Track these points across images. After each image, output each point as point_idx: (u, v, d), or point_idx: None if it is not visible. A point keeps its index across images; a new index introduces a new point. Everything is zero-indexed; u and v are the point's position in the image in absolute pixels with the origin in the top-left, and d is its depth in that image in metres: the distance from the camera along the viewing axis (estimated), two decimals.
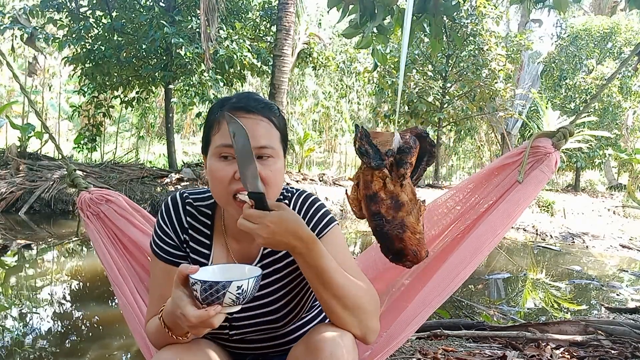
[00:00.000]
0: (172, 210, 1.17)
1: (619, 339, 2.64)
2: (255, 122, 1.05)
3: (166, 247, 1.16)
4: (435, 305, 1.35)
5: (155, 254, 1.17)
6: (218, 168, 1.04)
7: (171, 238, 1.16)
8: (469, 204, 1.54)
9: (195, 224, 1.17)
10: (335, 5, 2.66)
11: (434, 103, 12.17)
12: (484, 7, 11.03)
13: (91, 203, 1.59)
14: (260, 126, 1.05)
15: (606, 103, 12.60)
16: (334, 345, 1.00)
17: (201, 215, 1.18)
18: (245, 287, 0.89)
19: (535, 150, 1.48)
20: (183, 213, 1.17)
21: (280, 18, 8.64)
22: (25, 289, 3.98)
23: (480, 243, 1.39)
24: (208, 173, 1.08)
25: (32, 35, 8.41)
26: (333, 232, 1.16)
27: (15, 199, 7.67)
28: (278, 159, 1.08)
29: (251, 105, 1.06)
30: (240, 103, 1.07)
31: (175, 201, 1.18)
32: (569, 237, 7.89)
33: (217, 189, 1.06)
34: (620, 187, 14.43)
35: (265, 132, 1.06)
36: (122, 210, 1.59)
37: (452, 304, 3.83)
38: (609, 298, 4.38)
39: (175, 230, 1.16)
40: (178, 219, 1.17)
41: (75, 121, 15.03)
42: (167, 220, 1.17)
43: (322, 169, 16.30)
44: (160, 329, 1.01)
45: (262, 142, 1.04)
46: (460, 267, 1.37)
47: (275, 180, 1.07)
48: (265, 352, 1.23)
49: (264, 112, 1.07)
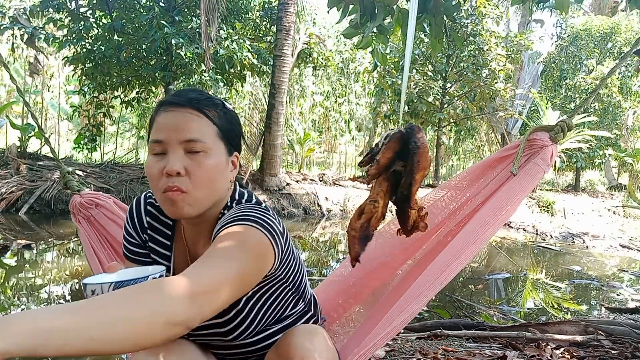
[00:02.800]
0: (134, 210, 1.18)
1: (619, 339, 2.64)
2: (183, 114, 1.01)
3: (130, 246, 1.17)
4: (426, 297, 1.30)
5: (123, 254, 1.19)
6: (149, 164, 1.03)
7: (133, 237, 1.17)
8: (464, 198, 1.52)
9: (156, 224, 1.16)
10: (335, 5, 2.66)
11: (434, 103, 12.17)
12: (484, 7, 11.03)
13: (81, 207, 1.60)
14: (187, 119, 1.01)
15: (606, 103, 12.61)
16: (303, 351, 0.96)
17: (163, 216, 1.16)
18: (98, 292, 0.81)
19: (531, 143, 1.45)
20: (144, 213, 1.17)
21: (280, 18, 8.64)
22: (25, 289, 3.98)
23: (472, 237, 1.34)
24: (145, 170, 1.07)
25: (32, 35, 8.41)
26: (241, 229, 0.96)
27: (15, 199, 7.67)
28: (211, 155, 1.01)
29: (181, 99, 1.03)
30: (172, 98, 1.05)
31: (138, 201, 1.19)
32: (569, 237, 7.89)
33: (153, 187, 1.04)
34: (620, 187, 14.43)
35: (193, 125, 1.01)
36: (112, 214, 1.59)
37: (452, 304, 3.83)
38: (609, 298, 4.38)
39: (136, 229, 1.17)
40: (139, 219, 1.17)
41: (75, 121, 15.03)
42: (129, 220, 1.18)
43: (322, 169, 16.29)
44: None
45: (190, 136, 1.00)
46: (451, 260, 1.33)
47: (205, 177, 1.00)
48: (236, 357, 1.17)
49: (194, 104, 1.03)
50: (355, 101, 17.71)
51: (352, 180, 1.33)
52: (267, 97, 10.00)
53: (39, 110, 13.55)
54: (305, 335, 1.00)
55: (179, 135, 0.99)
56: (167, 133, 1.00)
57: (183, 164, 0.99)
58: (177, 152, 1.00)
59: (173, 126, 1.00)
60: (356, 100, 17.73)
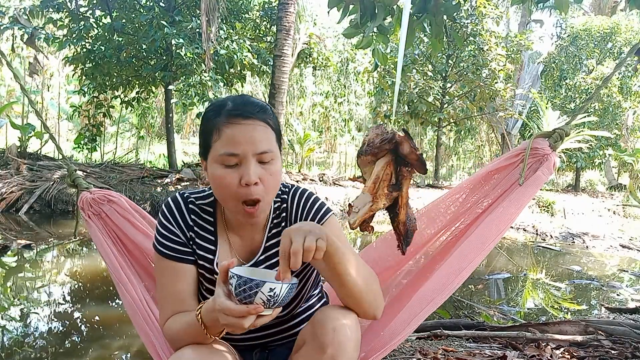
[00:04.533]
0: (174, 209, 1.20)
1: (619, 339, 2.64)
2: (254, 127, 1.07)
3: (173, 244, 1.17)
4: (435, 304, 1.36)
5: (161, 254, 1.18)
6: (223, 175, 1.07)
7: (177, 235, 1.18)
8: (468, 204, 1.56)
9: (200, 221, 1.20)
10: (336, 5, 2.66)
11: (434, 103, 12.17)
12: (484, 7, 11.03)
13: (93, 203, 1.60)
14: (258, 131, 1.07)
15: (606, 103, 12.60)
16: (336, 322, 1.04)
17: (204, 213, 1.21)
18: (277, 290, 0.90)
19: (534, 152, 1.52)
20: (186, 211, 1.20)
21: (280, 18, 8.64)
22: (25, 289, 3.98)
23: (481, 242, 1.41)
24: (212, 178, 1.10)
25: (32, 35, 8.41)
26: (330, 221, 1.21)
27: (15, 199, 7.67)
28: (277, 159, 1.12)
29: (248, 111, 1.08)
30: (237, 109, 1.08)
31: (177, 201, 1.21)
32: (569, 237, 7.89)
33: (224, 195, 1.10)
34: (620, 187, 14.42)
35: (264, 136, 1.08)
36: (124, 211, 1.59)
37: (452, 304, 3.83)
38: (609, 298, 4.38)
39: (180, 228, 1.19)
40: (182, 218, 1.19)
41: (75, 121, 15.01)
42: (171, 219, 1.19)
43: (322, 169, 16.28)
44: (195, 326, 1.03)
45: (263, 148, 1.07)
46: (460, 267, 1.38)
47: (275, 183, 1.12)
48: (272, 341, 1.26)
49: (260, 115, 1.09)
50: (355, 101, 17.70)
51: (352, 180, 1.36)
52: (267, 97, 10.00)
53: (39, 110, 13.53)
54: (340, 311, 1.09)
55: (254, 148, 1.06)
56: (242, 146, 1.06)
57: (258, 174, 1.07)
58: (253, 163, 1.07)
59: (248, 139, 1.06)
60: (356, 100, 17.73)
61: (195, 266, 1.19)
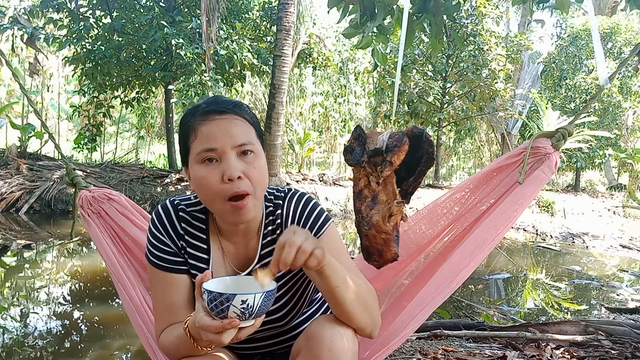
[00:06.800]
0: (164, 218, 1.15)
1: (619, 339, 2.64)
2: (229, 121, 1.05)
3: (164, 255, 1.14)
4: (435, 304, 1.35)
5: (153, 264, 1.14)
6: (204, 174, 1.03)
7: (168, 245, 1.14)
8: (469, 204, 1.55)
9: (191, 229, 1.16)
10: (336, 5, 2.66)
11: (434, 103, 12.17)
12: (484, 7, 11.03)
13: (92, 201, 1.59)
14: (235, 124, 1.05)
15: (606, 103, 12.60)
16: (334, 334, 1.01)
17: (195, 221, 1.16)
18: (250, 302, 0.85)
19: (535, 151, 1.50)
20: (176, 220, 1.15)
21: (280, 18, 8.64)
22: (25, 289, 3.98)
23: (481, 243, 1.40)
24: (194, 182, 1.06)
25: (32, 35, 8.41)
26: (329, 231, 1.16)
27: (15, 199, 7.67)
28: (259, 155, 1.07)
29: (222, 107, 1.06)
30: (211, 106, 1.06)
31: (166, 208, 1.16)
32: (569, 237, 7.89)
33: (208, 195, 1.05)
34: (620, 187, 14.42)
35: (241, 129, 1.05)
36: (124, 208, 1.58)
37: (452, 304, 3.83)
38: (609, 298, 4.38)
39: (171, 238, 1.14)
40: (172, 226, 1.15)
41: (75, 121, 15.03)
42: (160, 229, 1.14)
43: (322, 169, 16.29)
44: (185, 340, 0.99)
45: (241, 140, 1.04)
46: (460, 267, 1.38)
47: (261, 176, 1.06)
48: (272, 350, 1.24)
49: (236, 110, 1.07)
50: (355, 101, 17.70)
51: (352, 180, 1.34)
52: (267, 97, 10.00)
53: (39, 110, 13.55)
54: (337, 322, 1.05)
55: (232, 141, 1.03)
56: (219, 140, 1.02)
57: (240, 168, 1.02)
58: (233, 156, 1.02)
59: (225, 133, 1.03)
60: (356, 100, 17.73)
61: (189, 275, 1.15)
